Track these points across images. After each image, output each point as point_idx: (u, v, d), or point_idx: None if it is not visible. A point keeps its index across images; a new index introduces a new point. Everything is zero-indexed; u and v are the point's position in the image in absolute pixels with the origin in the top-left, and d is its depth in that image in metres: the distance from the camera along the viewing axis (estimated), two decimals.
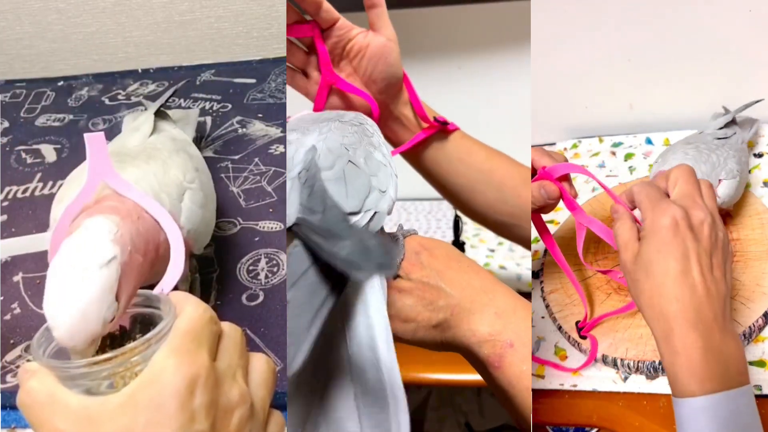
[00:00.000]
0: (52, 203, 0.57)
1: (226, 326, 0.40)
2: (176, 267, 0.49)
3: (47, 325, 0.39)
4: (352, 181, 0.44)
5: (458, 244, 0.67)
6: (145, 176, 0.56)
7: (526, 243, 0.61)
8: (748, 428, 0.44)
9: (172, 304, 0.39)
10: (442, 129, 0.59)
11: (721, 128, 0.71)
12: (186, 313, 0.38)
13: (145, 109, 0.81)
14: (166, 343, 0.36)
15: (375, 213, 0.43)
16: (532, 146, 0.60)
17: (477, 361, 0.46)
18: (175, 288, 0.62)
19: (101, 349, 0.40)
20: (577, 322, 0.64)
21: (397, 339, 0.47)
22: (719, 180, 0.62)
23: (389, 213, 0.46)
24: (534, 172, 0.59)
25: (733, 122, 0.72)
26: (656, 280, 0.47)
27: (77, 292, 0.39)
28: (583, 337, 0.63)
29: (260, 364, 0.40)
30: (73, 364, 0.37)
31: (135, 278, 0.46)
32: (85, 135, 0.48)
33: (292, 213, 0.42)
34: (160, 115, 0.73)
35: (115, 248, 0.43)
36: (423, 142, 0.59)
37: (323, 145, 0.46)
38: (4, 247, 0.62)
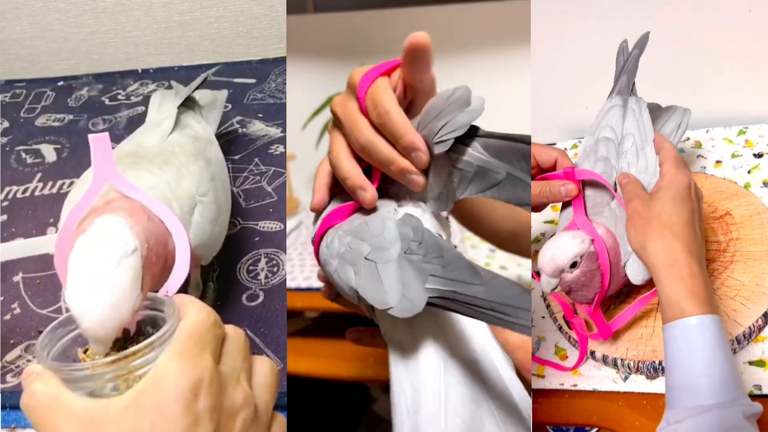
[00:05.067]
0: (64, 204, 0.57)
1: (230, 329, 0.40)
2: (182, 269, 0.49)
3: (51, 326, 0.39)
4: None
5: None
6: (158, 184, 0.55)
7: (525, 254, 0.61)
8: (728, 351, 0.49)
9: (175, 306, 0.39)
10: None
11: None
12: (190, 316, 0.38)
13: (171, 88, 0.79)
14: (170, 346, 0.36)
15: None
16: (550, 145, 0.61)
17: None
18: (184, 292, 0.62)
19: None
20: (562, 316, 0.64)
21: None
22: None
23: None
24: (542, 169, 0.62)
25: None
26: (669, 220, 0.54)
27: (107, 282, 0.39)
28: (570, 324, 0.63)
29: (263, 367, 0.40)
30: (77, 367, 0.36)
31: (152, 273, 0.46)
32: (90, 136, 0.47)
33: (415, 295, 0.37)
34: (185, 102, 0.72)
35: (136, 240, 0.43)
36: None
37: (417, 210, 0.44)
38: (7, 250, 0.62)
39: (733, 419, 0.46)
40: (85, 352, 0.40)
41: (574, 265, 0.57)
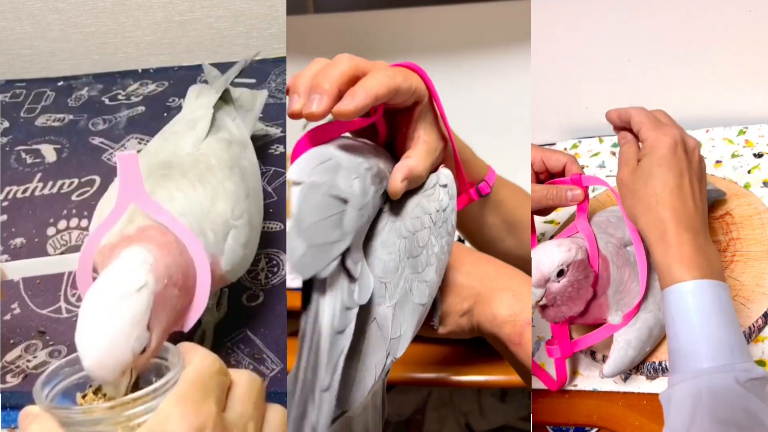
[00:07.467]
0: (90, 225, 0.56)
1: (245, 375, 0.39)
2: (200, 303, 0.48)
3: (55, 366, 0.39)
4: None
5: None
6: (191, 208, 0.53)
7: (526, 271, 0.62)
8: (727, 315, 0.49)
9: (180, 354, 0.38)
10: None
11: None
12: (194, 363, 0.37)
13: (209, 84, 0.76)
14: (172, 392, 0.36)
15: None
16: (549, 145, 0.60)
17: (498, 341, 0.48)
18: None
19: (105, 397, 0.40)
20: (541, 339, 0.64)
21: (434, 334, 0.49)
22: None
23: None
24: (551, 174, 0.62)
25: None
26: (655, 189, 0.53)
27: (107, 321, 0.38)
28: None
29: (277, 415, 0.39)
30: (74, 411, 0.36)
31: (171, 310, 0.45)
32: (118, 155, 0.47)
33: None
34: (223, 95, 0.70)
35: (148, 276, 0.42)
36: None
37: None
38: (26, 267, 0.61)
39: (725, 384, 0.46)
40: (83, 396, 0.40)
41: (561, 273, 0.53)
